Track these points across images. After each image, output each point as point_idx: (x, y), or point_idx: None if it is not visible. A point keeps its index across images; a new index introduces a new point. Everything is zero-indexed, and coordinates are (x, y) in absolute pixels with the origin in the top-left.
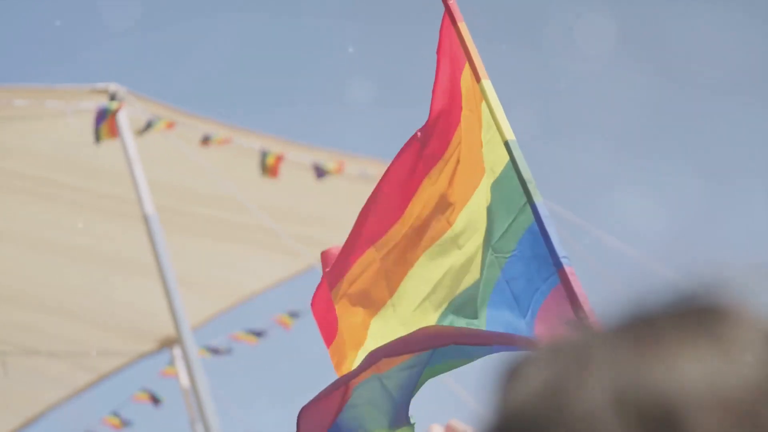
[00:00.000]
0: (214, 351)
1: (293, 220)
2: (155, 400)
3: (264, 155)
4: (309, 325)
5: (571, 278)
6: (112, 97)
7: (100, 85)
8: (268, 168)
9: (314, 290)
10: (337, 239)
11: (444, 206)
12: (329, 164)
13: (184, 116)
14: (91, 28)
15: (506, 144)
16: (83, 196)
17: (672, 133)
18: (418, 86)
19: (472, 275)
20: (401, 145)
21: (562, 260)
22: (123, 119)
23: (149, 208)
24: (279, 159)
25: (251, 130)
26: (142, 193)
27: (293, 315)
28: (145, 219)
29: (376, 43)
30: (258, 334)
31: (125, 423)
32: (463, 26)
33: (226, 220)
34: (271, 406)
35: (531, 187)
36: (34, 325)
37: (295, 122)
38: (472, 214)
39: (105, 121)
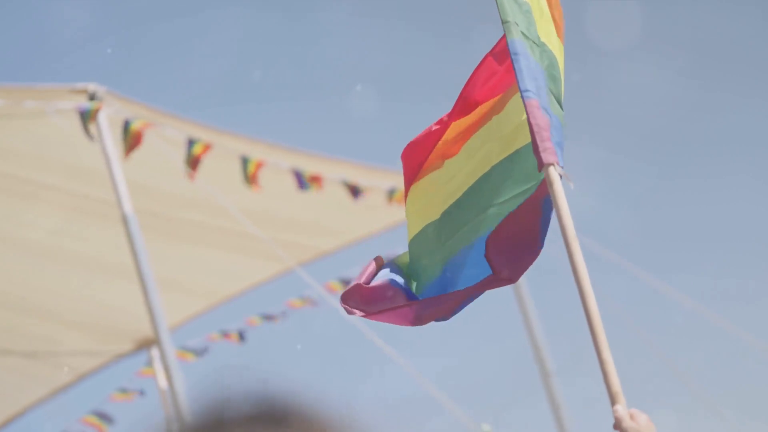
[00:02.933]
0: (195, 352)
1: (272, 224)
2: (138, 393)
3: (245, 161)
4: (289, 327)
5: (530, 110)
6: (92, 97)
7: (79, 85)
8: (250, 176)
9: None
10: (316, 243)
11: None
12: (308, 171)
13: (164, 117)
14: (73, 28)
15: None
16: (62, 196)
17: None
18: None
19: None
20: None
21: (525, 93)
22: (102, 119)
23: (128, 208)
24: (259, 165)
25: (233, 133)
26: (121, 193)
27: (279, 316)
28: (124, 219)
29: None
30: (240, 334)
31: (105, 421)
32: None
33: (205, 222)
34: None
35: (507, 26)
36: (12, 325)
37: (280, 122)
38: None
39: (87, 120)
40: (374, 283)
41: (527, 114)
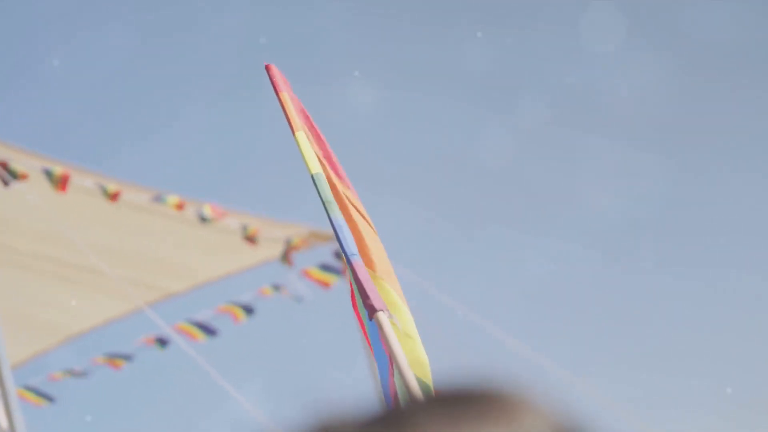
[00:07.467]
0: (38, 391)
1: (122, 261)
2: None
3: (102, 190)
4: (136, 368)
5: (357, 269)
6: None
7: None
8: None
9: None
10: (167, 281)
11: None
12: (169, 199)
13: (15, 152)
14: None
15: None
16: None
17: None
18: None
19: None
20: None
21: (351, 257)
22: None
23: None
24: (115, 195)
25: (87, 168)
26: None
27: (125, 357)
28: None
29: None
30: (79, 374)
31: None
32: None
33: (53, 257)
34: None
35: (329, 206)
36: None
37: (133, 160)
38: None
39: None
40: None
41: (354, 272)
